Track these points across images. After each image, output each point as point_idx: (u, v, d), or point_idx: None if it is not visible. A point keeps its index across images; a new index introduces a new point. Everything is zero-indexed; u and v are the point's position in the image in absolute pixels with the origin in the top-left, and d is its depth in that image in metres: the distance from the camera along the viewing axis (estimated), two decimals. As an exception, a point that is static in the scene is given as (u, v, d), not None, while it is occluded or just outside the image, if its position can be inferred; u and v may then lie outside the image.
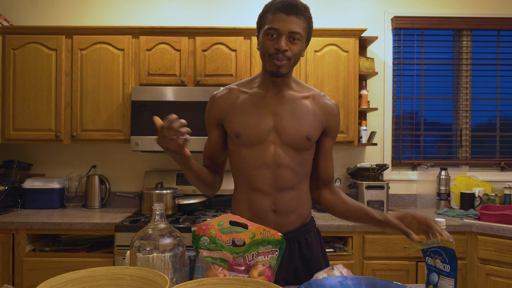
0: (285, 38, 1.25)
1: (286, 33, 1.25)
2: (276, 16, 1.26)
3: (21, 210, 2.77)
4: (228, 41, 2.74)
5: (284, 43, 1.25)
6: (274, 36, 1.27)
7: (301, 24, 1.27)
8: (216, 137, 1.43)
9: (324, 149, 1.43)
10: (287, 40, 1.26)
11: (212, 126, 1.43)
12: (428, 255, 1.04)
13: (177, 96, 2.65)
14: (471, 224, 2.44)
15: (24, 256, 2.40)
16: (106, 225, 2.40)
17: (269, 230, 1.08)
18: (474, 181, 3.06)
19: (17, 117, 2.74)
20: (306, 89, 1.42)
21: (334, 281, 1.00)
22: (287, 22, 1.25)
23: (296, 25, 1.26)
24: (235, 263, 1.09)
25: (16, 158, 3.06)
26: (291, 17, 1.25)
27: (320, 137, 1.41)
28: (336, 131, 1.44)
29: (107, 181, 2.99)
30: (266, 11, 1.30)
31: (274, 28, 1.25)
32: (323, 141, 1.42)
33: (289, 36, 1.26)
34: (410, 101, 3.20)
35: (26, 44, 2.73)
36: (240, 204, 1.39)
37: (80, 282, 0.91)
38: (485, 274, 2.38)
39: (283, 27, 1.25)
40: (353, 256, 2.43)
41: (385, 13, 3.13)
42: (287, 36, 1.26)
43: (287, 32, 1.25)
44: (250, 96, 1.38)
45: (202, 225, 1.10)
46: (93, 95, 2.74)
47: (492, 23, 3.14)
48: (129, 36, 2.74)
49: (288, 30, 1.25)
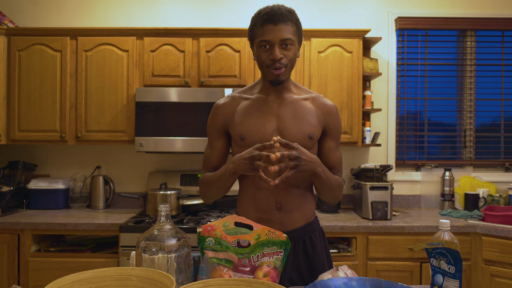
0: (278, 47, 1.30)
1: (278, 42, 1.29)
2: (264, 28, 1.30)
3: (26, 211, 2.79)
4: (232, 42, 2.74)
5: (278, 52, 1.29)
6: (267, 47, 1.31)
7: (290, 29, 1.31)
8: (222, 144, 1.46)
9: (326, 149, 1.45)
10: (280, 48, 1.30)
11: (216, 134, 1.45)
12: (433, 256, 1.04)
13: (181, 97, 2.65)
14: (476, 225, 2.44)
15: (29, 257, 2.41)
16: (111, 226, 2.41)
17: (274, 231, 1.08)
18: (478, 181, 3.05)
19: (22, 118, 2.75)
20: (305, 91, 1.47)
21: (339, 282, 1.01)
22: (277, 32, 1.29)
23: (286, 32, 1.30)
24: (240, 264, 1.10)
25: (21, 159, 3.08)
26: (279, 26, 1.29)
27: (321, 137, 1.44)
28: (336, 131, 1.46)
29: (111, 182, 3.00)
30: (254, 24, 1.34)
31: (266, 40, 1.30)
32: (324, 141, 1.45)
33: (281, 44, 1.30)
34: (414, 102, 3.19)
35: (31, 46, 2.75)
36: (246, 202, 1.42)
37: (87, 282, 0.92)
38: (490, 275, 2.37)
39: (273, 37, 1.29)
40: (357, 257, 2.43)
41: (389, 14, 3.13)
42: (279, 44, 1.30)
43: (278, 41, 1.29)
44: (252, 101, 1.42)
45: (208, 226, 1.10)
46: (98, 96, 2.75)
47: (496, 23, 3.13)
48: (134, 37, 2.75)
49: (279, 39, 1.29)
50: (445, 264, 1.00)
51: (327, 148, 1.45)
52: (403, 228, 2.42)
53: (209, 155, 1.47)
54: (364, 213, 2.63)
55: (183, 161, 3.11)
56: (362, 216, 2.66)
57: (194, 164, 3.11)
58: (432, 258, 1.04)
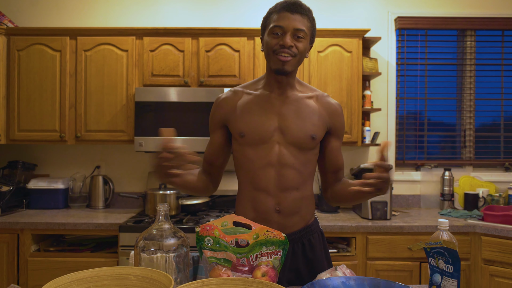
0: (290, 35, 1.28)
1: (291, 30, 1.28)
2: (281, 14, 1.29)
3: (26, 211, 2.79)
4: (231, 42, 2.74)
5: (289, 39, 1.28)
6: (279, 34, 1.29)
7: (305, 22, 1.30)
8: (219, 138, 1.44)
9: (330, 148, 1.43)
10: (292, 37, 1.28)
11: (216, 128, 1.43)
12: (431, 255, 1.04)
13: (181, 96, 2.66)
14: (475, 225, 2.44)
15: (29, 256, 2.41)
16: (110, 226, 2.41)
17: (272, 231, 1.08)
18: (478, 181, 3.05)
19: (22, 118, 2.75)
20: (309, 89, 1.43)
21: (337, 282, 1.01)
22: (292, 20, 1.28)
23: (301, 23, 1.29)
24: (239, 263, 1.10)
25: (21, 158, 3.08)
26: (295, 15, 1.28)
27: (325, 137, 1.42)
28: (341, 131, 1.44)
29: (111, 182, 3.01)
30: (271, 13, 1.34)
31: (279, 26, 1.28)
32: (329, 140, 1.42)
33: (293, 33, 1.28)
34: (414, 102, 3.19)
35: (31, 46, 2.75)
36: (244, 204, 1.39)
37: (86, 282, 0.92)
38: (489, 275, 2.37)
39: (288, 24, 1.28)
40: (357, 256, 2.43)
41: (389, 14, 3.13)
42: (292, 33, 1.28)
43: (292, 29, 1.28)
44: (254, 97, 1.39)
45: (206, 225, 1.10)
46: (97, 96, 2.75)
47: (496, 23, 3.13)
48: (133, 37, 2.75)
49: (293, 27, 1.28)
50: (443, 264, 1.00)
51: (334, 149, 1.43)
52: (402, 228, 2.42)
53: (207, 148, 1.47)
54: (364, 213, 2.63)
55: (183, 161, 3.11)
56: (361, 216, 2.66)
57: (193, 164, 3.11)
58: (430, 257, 1.04)
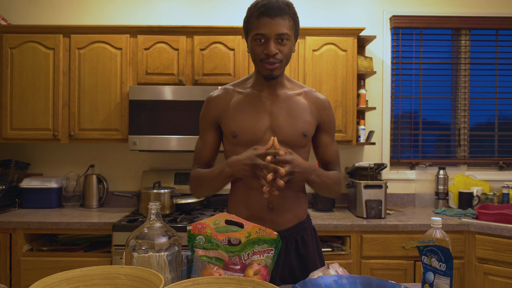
0: (273, 42, 1.25)
1: (274, 37, 1.25)
2: (260, 21, 1.24)
3: (18, 210, 2.76)
4: (226, 40, 2.73)
5: (273, 47, 1.25)
6: (262, 41, 1.26)
7: (286, 24, 1.26)
8: (212, 138, 1.43)
9: (322, 144, 1.43)
10: (275, 43, 1.26)
11: (210, 127, 1.42)
12: (424, 254, 1.03)
13: (175, 95, 2.64)
14: (469, 223, 2.44)
15: (21, 256, 2.39)
16: (104, 225, 2.40)
17: (264, 229, 1.08)
18: (472, 180, 3.06)
19: (15, 116, 2.73)
20: (298, 86, 1.43)
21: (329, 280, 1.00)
22: (273, 26, 1.24)
23: (282, 27, 1.25)
24: (231, 262, 1.09)
25: (13, 157, 3.06)
26: (276, 20, 1.24)
27: (317, 133, 1.42)
28: (331, 125, 1.44)
29: (105, 181, 2.99)
30: (250, 16, 1.29)
31: (261, 34, 1.25)
32: (320, 136, 1.43)
33: (276, 38, 1.25)
34: (409, 101, 3.20)
35: (24, 43, 2.72)
36: (237, 202, 1.39)
37: (75, 281, 0.91)
38: (483, 273, 2.38)
39: (269, 31, 1.24)
40: (351, 255, 2.43)
41: (384, 12, 3.13)
42: (274, 39, 1.25)
43: (274, 36, 1.25)
44: (245, 96, 1.39)
45: (198, 224, 1.09)
46: (91, 94, 2.73)
47: (491, 22, 3.14)
48: (127, 35, 2.73)
49: (275, 33, 1.24)
50: (436, 262, 1.00)
51: (323, 143, 1.43)
52: (397, 226, 2.42)
53: (201, 149, 1.44)
54: (358, 211, 2.63)
55: (177, 160, 3.10)
56: (356, 215, 2.66)
57: (188, 162, 3.10)
58: (423, 255, 1.04)
